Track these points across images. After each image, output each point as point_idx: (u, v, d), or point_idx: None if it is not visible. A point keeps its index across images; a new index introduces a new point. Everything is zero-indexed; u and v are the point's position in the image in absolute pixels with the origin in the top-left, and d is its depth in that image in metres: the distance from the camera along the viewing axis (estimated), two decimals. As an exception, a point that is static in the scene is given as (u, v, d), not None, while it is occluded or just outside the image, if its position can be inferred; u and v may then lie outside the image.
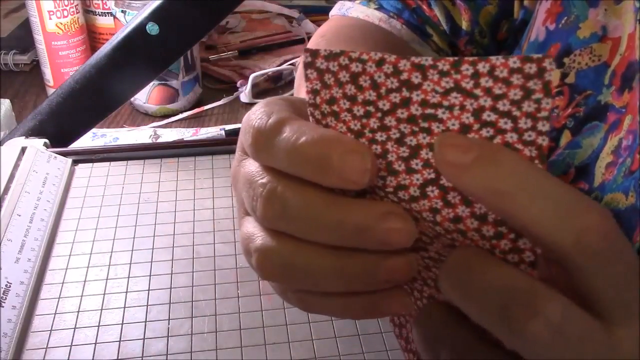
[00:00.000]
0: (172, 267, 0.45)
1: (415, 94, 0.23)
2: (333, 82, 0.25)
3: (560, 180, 0.22)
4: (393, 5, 0.54)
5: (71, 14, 0.84)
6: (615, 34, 0.40)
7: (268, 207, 0.26)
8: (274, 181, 0.26)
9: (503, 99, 0.22)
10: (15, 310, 0.40)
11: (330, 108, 0.25)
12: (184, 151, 0.57)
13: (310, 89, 0.25)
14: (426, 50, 0.53)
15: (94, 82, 0.59)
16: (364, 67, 0.24)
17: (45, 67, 0.86)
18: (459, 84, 0.23)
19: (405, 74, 0.23)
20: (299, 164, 0.25)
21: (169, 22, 0.58)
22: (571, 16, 0.43)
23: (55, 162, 0.54)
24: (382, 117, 0.24)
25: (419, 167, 0.24)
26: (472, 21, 0.52)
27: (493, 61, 0.22)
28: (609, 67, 0.40)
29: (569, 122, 0.42)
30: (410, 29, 0.53)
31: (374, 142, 0.25)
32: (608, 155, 0.39)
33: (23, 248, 0.45)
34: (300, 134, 0.25)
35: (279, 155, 0.26)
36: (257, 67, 0.94)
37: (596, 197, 0.40)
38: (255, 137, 0.26)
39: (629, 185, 0.37)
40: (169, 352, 0.39)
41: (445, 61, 0.23)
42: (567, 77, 0.43)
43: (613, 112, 0.40)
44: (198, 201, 0.51)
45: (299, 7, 1.10)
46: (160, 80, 0.83)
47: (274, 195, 0.26)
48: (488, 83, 0.22)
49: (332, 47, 0.54)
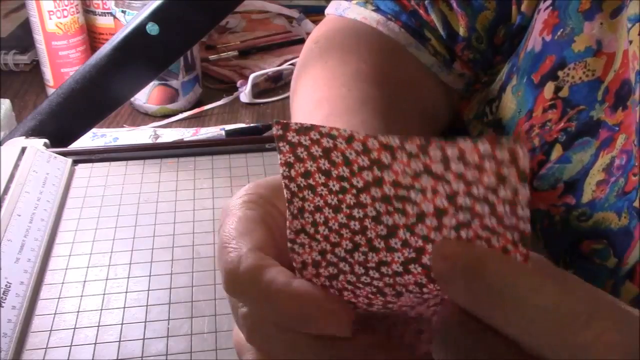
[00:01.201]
0: (172, 267, 0.45)
1: (386, 173, 0.23)
2: (306, 155, 0.25)
3: (553, 284, 0.21)
4: (390, 7, 0.53)
5: (71, 14, 0.84)
6: (610, 49, 0.40)
7: (251, 338, 0.27)
8: (254, 317, 0.27)
9: (477, 184, 0.21)
10: (15, 310, 0.40)
11: (306, 182, 0.25)
12: (184, 151, 0.57)
13: (283, 162, 0.25)
14: (424, 54, 0.53)
15: (94, 82, 0.59)
16: (334, 142, 0.24)
17: (45, 67, 0.86)
18: (428, 168, 0.22)
19: (374, 152, 0.23)
20: (276, 316, 0.26)
21: (169, 22, 0.58)
22: (567, 28, 0.42)
23: (55, 162, 0.54)
24: (357, 194, 0.24)
25: (398, 246, 0.24)
26: (469, 27, 0.52)
27: (462, 145, 0.21)
28: (603, 82, 0.40)
29: (561, 136, 0.42)
30: (408, 32, 0.53)
31: (352, 219, 0.25)
32: (599, 172, 0.39)
33: (23, 248, 0.45)
34: (277, 291, 0.25)
35: (256, 304, 0.27)
36: (257, 67, 0.94)
37: (584, 214, 0.39)
38: (227, 279, 0.27)
39: (622, 206, 0.37)
40: (169, 352, 0.39)
41: (413, 143, 0.22)
42: (560, 90, 0.43)
43: (605, 129, 0.39)
44: (198, 201, 0.51)
45: (299, 7, 1.10)
46: (160, 80, 0.83)
47: (255, 330, 0.27)
48: (459, 168, 0.21)
49: (325, 55, 0.54)
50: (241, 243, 0.27)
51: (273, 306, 0.25)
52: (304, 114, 0.48)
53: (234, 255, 0.27)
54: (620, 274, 0.36)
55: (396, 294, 0.25)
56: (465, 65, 0.54)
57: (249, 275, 0.26)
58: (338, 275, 0.26)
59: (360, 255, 0.25)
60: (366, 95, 0.47)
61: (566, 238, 0.40)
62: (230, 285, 0.27)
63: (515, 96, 0.47)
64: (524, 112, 0.46)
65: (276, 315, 0.26)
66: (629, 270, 0.36)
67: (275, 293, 0.25)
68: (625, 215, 0.36)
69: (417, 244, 0.24)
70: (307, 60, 0.54)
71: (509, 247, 0.22)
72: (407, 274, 0.24)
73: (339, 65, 0.50)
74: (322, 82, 0.49)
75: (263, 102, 0.89)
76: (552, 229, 0.41)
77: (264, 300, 0.26)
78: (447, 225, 0.23)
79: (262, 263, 0.26)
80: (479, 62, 0.54)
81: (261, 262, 0.26)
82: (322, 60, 0.52)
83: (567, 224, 0.40)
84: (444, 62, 0.53)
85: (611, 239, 0.37)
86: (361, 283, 0.26)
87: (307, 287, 0.25)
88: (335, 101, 0.47)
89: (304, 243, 0.26)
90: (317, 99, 0.48)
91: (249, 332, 0.27)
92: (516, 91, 0.47)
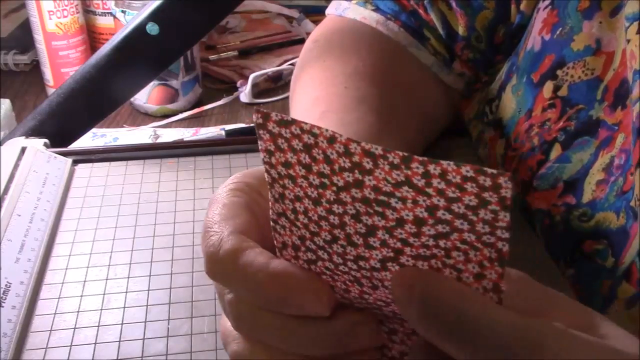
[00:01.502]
0: (172, 267, 0.45)
1: (367, 178, 0.23)
2: (287, 147, 0.25)
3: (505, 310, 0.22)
4: (389, 7, 0.53)
5: (71, 14, 0.84)
6: (609, 48, 0.40)
7: (238, 325, 0.28)
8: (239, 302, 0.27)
9: (457, 202, 0.22)
10: (15, 310, 0.40)
11: (287, 171, 0.25)
12: (184, 151, 0.57)
13: (264, 148, 0.25)
14: (424, 53, 0.53)
15: (94, 82, 0.59)
16: (316, 140, 0.24)
17: (45, 67, 0.86)
18: (410, 180, 0.22)
19: (356, 157, 0.23)
20: (257, 298, 0.26)
21: (169, 22, 0.58)
22: (566, 27, 0.42)
23: (55, 162, 0.54)
24: (337, 191, 0.24)
25: (376, 244, 0.24)
26: (468, 26, 0.52)
27: (444, 165, 0.21)
28: (602, 81, 0.40)
29: (560, 135, 0.42)
30: (408, 31, 0.52)
31: (331, 213, 0.25)
32: (599, 172, 0.39)
33: (23, 248, 0.45)
34: (256, 272, 0.25)
35: (237, 286, 0.27)
36: (257, 67, 0.94)
37: (585, 214, 0.39)
38: (208, 262, 0.27)
39: (620, 206, 0.37)
40: (169, 352, 0.39)
41: (395, 155, 0.22)
42: (560, 89, 0.43)
43: (604, 129, 0.39)
44: (198, 201, 0.51)
45: (299, 7, 1.10)
46: (160, 80, 0.83)
47: (240, 317, 0.27)
48: (440, 185, 0.21)
49: (324, 55, 0.55)
50: (223, 227, 0.28)
51: (252, 287, 0.26)
52: (301, 112, 0.48)
53: (215, 238, 0.27)
54: (617, 274, 0.36)
55: (372, 287, 0.25)
56: (465, 64, 0.54)
57: (228, 258, 0.26)
58: (316, 261, 0.26)
59: (338, 247, 0.25)
60: (363, 93, 0.47)
61: (568, 238, 0.40)
62: (210, 268, 0.27)
63: (515, 96, 0.47)
64: (523, 111, 0.46)
65: (255, 296, 0.26)
66: (625, 270, 0.36)
67: (253, 273, 0.25)
68: (623, 215, 0.36)
69: (395, 245, 0.24)
70: (306, 60, 0.54)
71: (485, 263, 0.23)
72: (384, 271, 0.24)
73: (337, 64, 0.50)
74: (320, 81, 0.49)
75: (263, 102, 0.89)
76: (554, 228, 0.41)
77: (243, 281, 0.26)
78: (425, 233, 0.23)
79: (242, 245, 0.26)
80: (478, 61, 0.54)
81: (241, 245, 0.26)
82: (321, 60, 0.52)
83: (568, 224, 0.40)
84: (443, 62, 0.53)
85: (610, 238, 0.37)
86: (339, 271, 0.26)
87: (286, 266, 0.26)
88: (331, 99, 0.46)
89: (284, 225, 0.26)
90: (314, 97, 0.48)
91: (235, 319, 0.27)
92: (516, 90, 0.47)
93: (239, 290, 0.27)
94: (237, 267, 0.26)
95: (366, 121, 0.44)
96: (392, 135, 0.45)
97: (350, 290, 0.26)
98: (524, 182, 0.44)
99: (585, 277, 0.39)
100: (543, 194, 0.43)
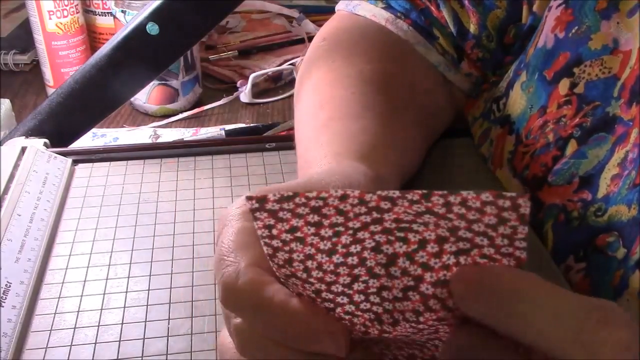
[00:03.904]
0: (172, 267, 0.45)
1: (386, 215, 0.23)
2: (290, 216, 0.24)
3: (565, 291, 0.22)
4: (401, 5, 0.53)
5: (71, 14, 0.84)
6: (627, 47, 0.40)
7: (243, 351, 0.27)
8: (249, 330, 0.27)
9: (478, 223, 0.22)
10: (15, 310, 0.40)
11: (292, 235, 0.25)
12: (184, 151, 0.57)
13: (262, 225, 0.25)
14: (431, 52, 0.53)
15: (94, 82, 0.59)
16: (325, 202, 0.24)
17: (45, 67, 0.86)
18: (431, 210, 0.23)
19: (373, 202, 0.23)
20: (272, 332, 0.26)
21: (169, 22, 0.58)
22: (582, 26, 0.43)
23: (55, 162, 0.54)
24: (353, 233, 0.24)
25: (397, 274, 0.24)
26: (480, 25, 0.52)
27: (464, 195, 0.22)
28: (619, 79, 0.40)
29: (576, 131, 0.42)
30: (417, 30, 0.53)
31: (349, 255, 0.25)
32: (614, 167, 0.39)
33: (23, 248, 0.45)
34: (275, 308, 0.25)
35: (252, 319, 0.27)
36: (257, 67, 0.94)
37: (600, 208, 0.40)
38: (224, 293, 0.27)
39: (632, 198, 0.37)
40: (169, 352, 0.39)
41: (414, 193, 0.22)
42: (576, 87, 0.43)
43: (621, 125, 0.40)
44: (198, 201, 0.51)
45: (299, 7, 1.10)
46: (160, 80, 0.83)
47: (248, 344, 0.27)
48: (461, 210, 0.22)
49: (333, 54, 0.55)
50: (239, 257, 0.28)
51: (272, 322, 0.26)
52: (306, 117, 0.48)
53: (232, 269, 0.27)
54: (629, 264, 0.37)
55: (393, 322, 0.26)
56: (474, 64, 0.54)
57: (246, 291, 0.26)
58: (334, 309, 0.26)
59: (359, 285, 0.25)
60: (370, 99, 0.47)
61: (583, 233, 0.40)
62: (227, 299, 0.27)
63: (525, 92, 0.47)
64: (535, 108, 0.46)
65: (274, 331, 0.26)
66: (638, 260, 0.36)
67: (275, 310, 0.25)
68: (635, 206, 0.37)
69: (416, 273, 0.24)
70: (314, 59, 0.54)
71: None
72: (407, 300, 0.25)
73: (344, 66, 0.50)
74: (326, 84, 0.49)
75: (263, 102, 0.89)
76: (569, 224, 0.42)
77: (261, 315, 0.26)
78: (447, 251, 0.23)
79: (260, 279, 0.26)
80: (488, 61, 0.54)
81: (259, 278, 0.27)
82: (330, 60, 0.52)
83: (584, 219, 0.41)
84: (452, 62, 0.54)
85: (621, 230, 0.38)
86: (360, 310, 0.26)
87: (307, 306, 0.26)
88: (337, 104, 0.46)
89: (296, 284, 0.26)
90: (319, 101, 0.48)
91: (241, 344, 0.28)
92: (526, 87, 0.47)
93: (252, 322, 0.27)
94: (254, 301, 0.26)
95: (371, 132, 0.44)
96: (395, 142, 0.45)
97: (369, 332, 0.26)
98: (537, 178, 0.45)
99: (596, 270, 0.39)
100: (558, 189, 0.43)
